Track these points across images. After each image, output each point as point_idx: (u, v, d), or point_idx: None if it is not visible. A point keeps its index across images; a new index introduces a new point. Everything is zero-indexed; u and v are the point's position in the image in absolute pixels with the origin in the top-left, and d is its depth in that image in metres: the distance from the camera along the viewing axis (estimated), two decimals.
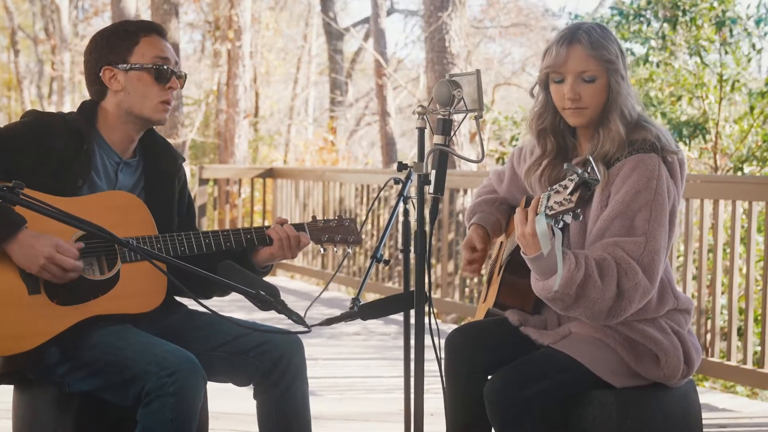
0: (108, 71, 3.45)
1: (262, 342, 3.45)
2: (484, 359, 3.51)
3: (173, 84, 3.51)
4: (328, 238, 3.71)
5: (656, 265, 3.24)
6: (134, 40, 3.47)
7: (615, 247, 3.22)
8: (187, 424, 3.14)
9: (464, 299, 8.90)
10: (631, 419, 3.32)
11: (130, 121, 3.49)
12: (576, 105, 3.37)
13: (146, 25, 3.53)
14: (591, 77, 3.35)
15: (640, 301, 3.24)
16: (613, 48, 3.37)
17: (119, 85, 3.45)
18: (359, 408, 5.72)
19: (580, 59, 3.35)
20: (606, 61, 3.34)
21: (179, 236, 3.46)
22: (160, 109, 3.50)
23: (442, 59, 12.91)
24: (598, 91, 3.36)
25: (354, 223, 3.76)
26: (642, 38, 11.66)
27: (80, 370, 3.27)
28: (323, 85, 30.74)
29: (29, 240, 3.18)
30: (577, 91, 3.36)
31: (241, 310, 8.29)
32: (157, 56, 3.47)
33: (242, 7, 16.84)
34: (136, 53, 3.46)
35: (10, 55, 32.72)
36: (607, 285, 3.17)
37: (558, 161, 3.52)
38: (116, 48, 3.46)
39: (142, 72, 3.46)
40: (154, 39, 3.49)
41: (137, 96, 3.46)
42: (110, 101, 3.48)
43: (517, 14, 29.91)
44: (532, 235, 3.13)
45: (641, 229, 3.24)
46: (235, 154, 16.60)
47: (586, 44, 3.35)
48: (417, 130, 3.25)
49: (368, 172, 12.11)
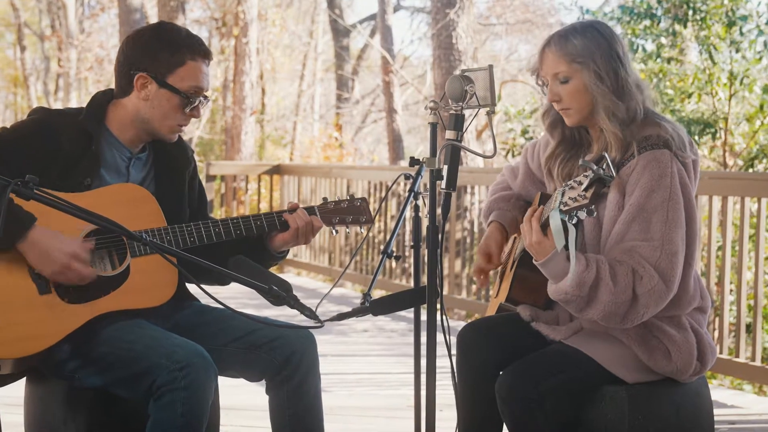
0: (142, 78, 3.41)
1: (274, 337, 3.45)
2: (496, 355, 3.50)
3: (196, 112, 3.48)
4: (339, 220, 3.68)
5: (674, 269, 3.23)
6: (180, 61, 3.41)
7: (632, 252, 3.22)
8: (198, 418, 3.14)
9: (472, 296, 8.89)
10: (642, 414, 3.31)
11: (142, 128, 3.47)
12: (559, 106, 3.42)
13: (196, 46, 3.45)
14: (564, 78, 3.38)
15: (656, 305, 3.23)
16: (586, 47, 3.35)
17: (147, 94, 3.42)
18: (368, 403, 5.72)
19: (552, 61, 3.39)
20: (574, 61, 3.35)
21: (188, 227, 3.45)
22: (175, 130, 3.49)
23: (449, 56, 12.91)
24: (575, 91, 3.37)
25: (366, 203, 3.72)
26: (652, 35, 11.63)
27: (91, 365, 3.27)
28: (329, 82, 30.77)
29: (46, 241, 3.17)
30: (556, 92, 3.40)
31: (250, 307, 8.30)
32: (194, 85, 3.43)
33: (249, 3, 16.85)
34: (176, 74, 3.41)
35: (16, 52, 32.80)
36: (620, 289, 3.17)
37: (572, 153, 3.52)
38: (159, 60, 3.41)
39: (174, 95, 3.42)
40: (198, 65, 3.44)
41: (160, 113, 3.43)
42: (131, 102, 3.45)
43: (524, 11, 29.89)
44: (538, 243, 3.18)
45: (658, 233, 3.23)
46: (241, 150, 16.61)
47: (555, 46, 3.39)
48: (429, 125, 3.24)
49: (375, 169, 12.10)
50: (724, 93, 10.95)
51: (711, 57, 11.12)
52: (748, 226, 6.20)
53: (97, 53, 28.50)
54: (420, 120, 29.99)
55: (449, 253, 8.98)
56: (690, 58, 11.75)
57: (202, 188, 3.73)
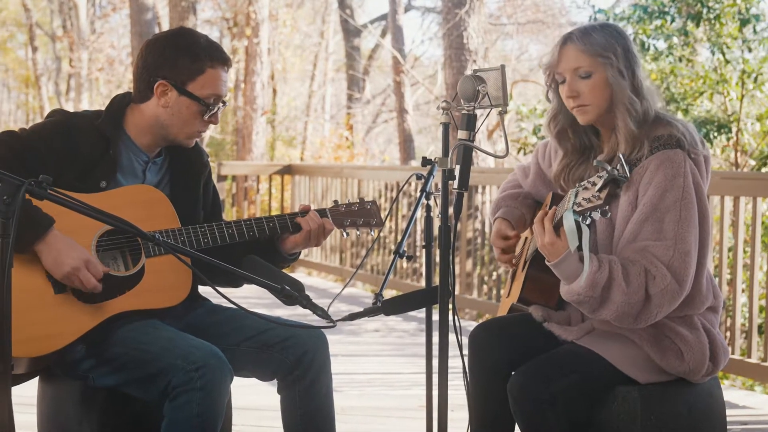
0: (162, 85, 3.42)
1: (286, 337, 3.46)
2: (508, 355, 3.50)
3: (214, 119, 3.50)
4: (350, 222, 3.69)
5: (687, 268, 3.23)
6: (200, 69, 3.42)
7: (645, 252, 3.22)
8: (214, 418, 3.15)
9: (483, 296, 8.89)
10: (655, 415, 3.31)
11: (160, 134, 3.48)
12: (578, 102, 3.40)
13: (216, 54, 3.45)
14: (586, 73, 3.37)
15: (669, 305, 3.23)
16: (608, 43, 3.36)
17: (167, 102, 3.43)
18: (379, 403, 5.73)
19: (573, 56, 3.38)
20: (598, 55, 3.34)
21: (202, 228, 3.46)
22: (194, 136, 3.51)
23: (460, 56, 12.91)
24: (595, 86, 3.36)
25: (376, 206, 3.74)
26: (664, 34, 11.62)
27: (105, 365, 3.28)
28: (340, 82, 30.77)
29: (60, 245, 3.19)
30: (575, 88, 3.38)
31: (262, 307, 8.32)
32: (213, 93, 3.44)
33: (260, 3, 16.87)
34: (196, 82, 3.42)
35: (28, 52, 32.87)
36: (633, 290, 3.17)
37: (583, 159, 3.52)
38: (180, 68, 3.41)
39: (194, 102, 3.43)
40: (217, 72, 3.45)
41: (179, 120, 3.45)
42: (151, 108, 3.46)
43: (534, 11, 29.87)
44: (551, 244, 3.17)
45: (671, 232, 3.23)
46: (252, 150, 16.63)
47: (577, 41, 3.37)
48: (441, 125, 3.24)
49: (386, 169, 12.10)
50: (736, 92, 10.93)
51: (723, 56, 11.10)
52: (760, 226, 6.18)
53: (108, 54, 28.58)
54: (431, 120, 30.00)
55: (460, 252, 8.98)
56: (701, 58, 11.72)
57: (216, 193, 3.74)
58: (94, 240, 3.32)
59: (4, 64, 35.09)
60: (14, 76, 35.46)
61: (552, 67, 3.44)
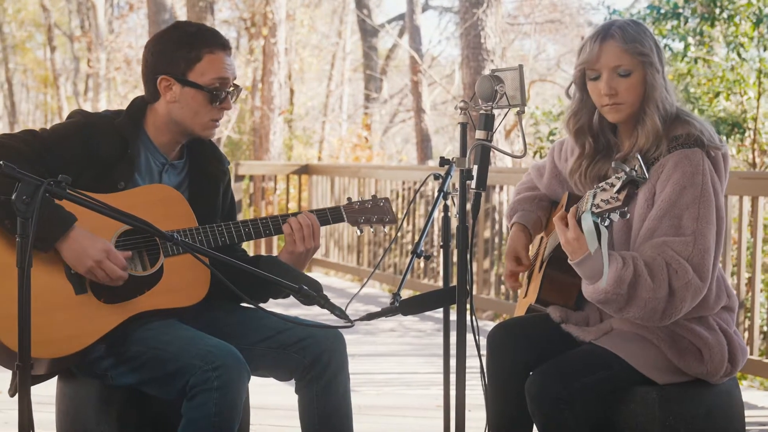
0: (164, 81, 3.44)
1: (304, 337, 3.46)
2: (526, 355, 3.50)
3: (226, 105, 3.49)
4: (364, 220, 3.70)
5: (707, 264, 3.22)
6: (196, 56, 3.42)
7: (664, 247, 3.21)
8: (231, 418, 3.16)
9: (500, 296, 8.88)
10: (673, 416, 3.30)
11: (177, 130, 3.49)
12: (613, 101, 3.37)
13: (211, 39, 3.46)
14: (626, 71, 3.35)
15: (692, 299, 3.21)
16: (647, 42, 3.35)
17: (173, 96, 3.44)
18: (397, 402, 5.73)
19: (614, 54, 3.35)
20: (640, 54, 3.33)
21: (219, 227, 3.47)
22: (209, 126, 3.50)
23: (477, 56, 12.90)
24: (634, 85, 3.35)
25: (388, 203, 3.75)
26: (680, 35, 11.59)
27: (124, 364, 3.30)
28: (357, 82, 30.78)
29: (81, 240, 3.21)
30: (613, 86, 3.36)
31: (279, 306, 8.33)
32: (216, 77, 3.44)
33: (277, 3, 16.89)
34: (195, 71, 3.43)
35: (46, 52, 33.00)
36: (658, 285, 3.16)
37: (599, 159, 3.51)
38: (177, 60, 3.42)
39: (198, 91, 3.43)
40: (217, 56, 3.44)
41: (189, 111, 3.45)
42: (161, 106, 3.48)
43: (552, 10, 29.82)
44: (575, 239, 3.14)
45: (690, 228, 3.22)
46: (270, 150, 16.65)
47: (619, 39, 3.35)
48: (459, 125, 3.24)
49: (404, 169, 12.09)
50: (753, 92, 10.89)
51: (739, 55, 11.06)
52: None
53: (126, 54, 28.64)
54: (448, 120, 29.98)
55: (478, 252, 8.97)
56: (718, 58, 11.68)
57: (233, 201, 3.75)
58: (113, 240, 3.34)
59: (23, 64, 35.23)
60: (33, 76, 35.59)
61: (588, 63, 3.39)
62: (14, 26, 33.91)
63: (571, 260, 3.20)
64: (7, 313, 3.04)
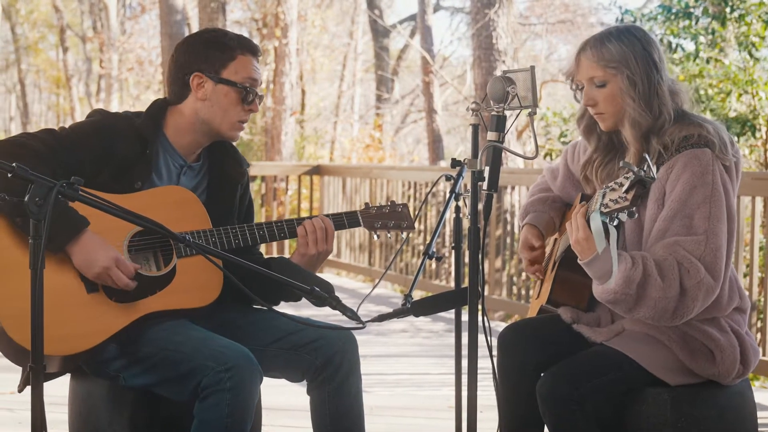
0: (198, 77, 3.46)
1: (316, 338, 3.46)
2: (536, 356, 3.50)
3: (254, 107, 3.52)
4: (381, 225, 3.70)
5: (719, 263, 3.21)
6: (231, 56, 3.47)
7: (676, 246, 3.20)
8: (243, 419, 3.16)
9: (512, 296, 8.88)
10: (685, 417, 3.29)
11: (202, 131, 3.50)
12: (595, 111, 3.42)
13: (244, 43, 3.52)
14: (600, 82, 3.38)
15: (704, 299, 3.21)
16: (622, 52, 3.34)
17: (205, 94, 3.46)
18: (409, 403, 5.73)
19: (587, 66, 3.40)
20: (610, 66, 3.35)
21: (233, 229, 3.47)
22: (237, 127, 3.52)
23: (489, 56, 12.88)
24: (611, 95, 3.37)
25: (407, 209, 3.75)
26: (691, 34, 11.57)
27: (136, 364, 3.30)
28: (369, 82, 30.82)
29: (91, 246, 3.22)
30: (591, 96, 3.40)
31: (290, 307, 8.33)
32: (248, 77, 3.48)
33: (288, 4, 16.89)
34: (230, 68, 3.47)
35: (59, 53, 33.08)
36: (668, 284, 3.15)
37: (610, 157, 3.52)
38: (212, 58, 3.46)
39: (231, 88, 3.46)
40: (249, 59, 3.50)
41: (219, 110, 3.47)
42: (189, 106, 3.49)
43: (564, 11, 29.80)
44: (585, 239, 3.14)
45: (701, 227, 3.21)
46: (281, 151, 16.65)
47: (590, 51, 3.39)
48: (471, 126, 3.25)
49: (415, 170, 12.09)
50: (765, 92, 10.86)
51: (751, 55, 11.03)
52: None
53: (138, 54, 28.72)
54: (460, 120, 29.99)
55: (489, 253, 8.97)
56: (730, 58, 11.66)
57: (251, 203, 3.75)
58: (126, 240, 3.35)
59: (36, 65, 35.36)
60: (45, 77, 35.70)
61: (570, 75, 3.48)
62: (27, 27, 34.04)
63: (580, 260, 3.21)
64: (18, 310, 3.06)
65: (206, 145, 3.57)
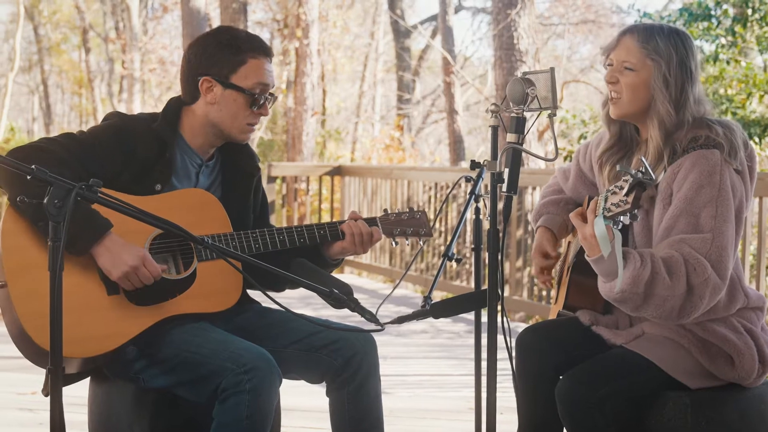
0: (207, 81, 3.46)
1: (335, 340, 3.46)
2: (555, 358, 3.49)
3: (264, 110, 3.52)
4: (399, 232, 3.71)
5: (725, 261, 3.20)
6: (241, 59, 3.45)
7: (682, 244, 3.19)
8: (263, 421, 3.16)
9: (532, 297, 8.86)
10: (706, 421, 3.28)
11: (213, 132, 3.51)
12: (613, 88, 3.40)
13: (256, 44, 3.49)
14: (632, 67, 3.36)
15: (711, 297, 3.19)
16: (667, 49, 3.33)
17: (214, 97, 3.47)
18: (429, 405, 5.72)
19: (628, 47, 3.37)
20: (650, 56, 3.33)
21: (254, 233, 3.48)
22: (246, 130, 3.52)
23: (510, 56, 12.86)
24: (635, 83, 3.35)
25: (425, 216, 3.76)
26: (712, 36, 11.52)
27: (156, 366, 3.31)
28: (390, 82, 30.82)
29: (117, 247, 3.22)
30: (616, 74, 3.39)
31: (309, 308, 8.34)
32: (258, 82, 3.47)
33: (310, 5, 16.90)
34: (239, 73, 3.45)
35: (81, 54, 33.23)
36: (676, 282, 3.14)
37: (623, 154, 3.51)
38: (221, 62, 3.45)
39: (240, 94, 3.46)
40: (260, 62, 3.48)
41: (228, 114, 3.47)
42: (200, 107, 3.50)
43: (585, 11, 29.73)
44: (592, 236, 3.13)
45: (707, 226, 3.20)
46: (302, 151, 16.67)
47: (637, 35, 3.37)
48: (490, 128, 3.24)
49: (436, 170, 12.08)
50: None
51: None
52: None
53: (160, 55, 28.79)
54: (481, 121, 29.96)
55: (510, 254, 8.95)
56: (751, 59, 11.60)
57: (264, 196, 3.77)
58: (147, 242, 3.35)
59: (58, 66, 35.50)
60: (68, 78, 35.84)
61: (606, 50, 3.46)
62: (49, 28, 34.19)
63: (588, 257, 3.19)
64: (40, 311, 3.06)
65: (219, 145, 3.57)
